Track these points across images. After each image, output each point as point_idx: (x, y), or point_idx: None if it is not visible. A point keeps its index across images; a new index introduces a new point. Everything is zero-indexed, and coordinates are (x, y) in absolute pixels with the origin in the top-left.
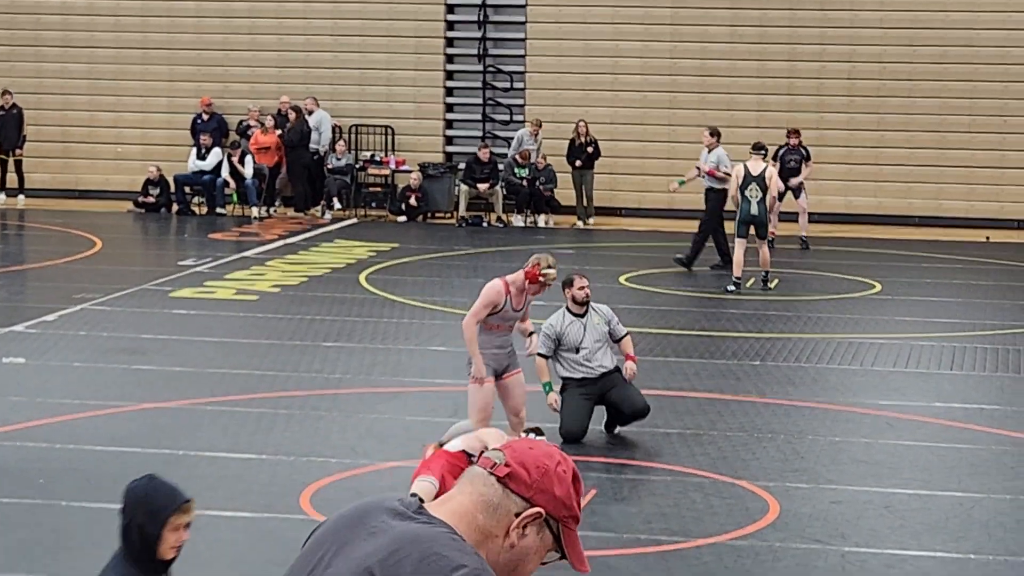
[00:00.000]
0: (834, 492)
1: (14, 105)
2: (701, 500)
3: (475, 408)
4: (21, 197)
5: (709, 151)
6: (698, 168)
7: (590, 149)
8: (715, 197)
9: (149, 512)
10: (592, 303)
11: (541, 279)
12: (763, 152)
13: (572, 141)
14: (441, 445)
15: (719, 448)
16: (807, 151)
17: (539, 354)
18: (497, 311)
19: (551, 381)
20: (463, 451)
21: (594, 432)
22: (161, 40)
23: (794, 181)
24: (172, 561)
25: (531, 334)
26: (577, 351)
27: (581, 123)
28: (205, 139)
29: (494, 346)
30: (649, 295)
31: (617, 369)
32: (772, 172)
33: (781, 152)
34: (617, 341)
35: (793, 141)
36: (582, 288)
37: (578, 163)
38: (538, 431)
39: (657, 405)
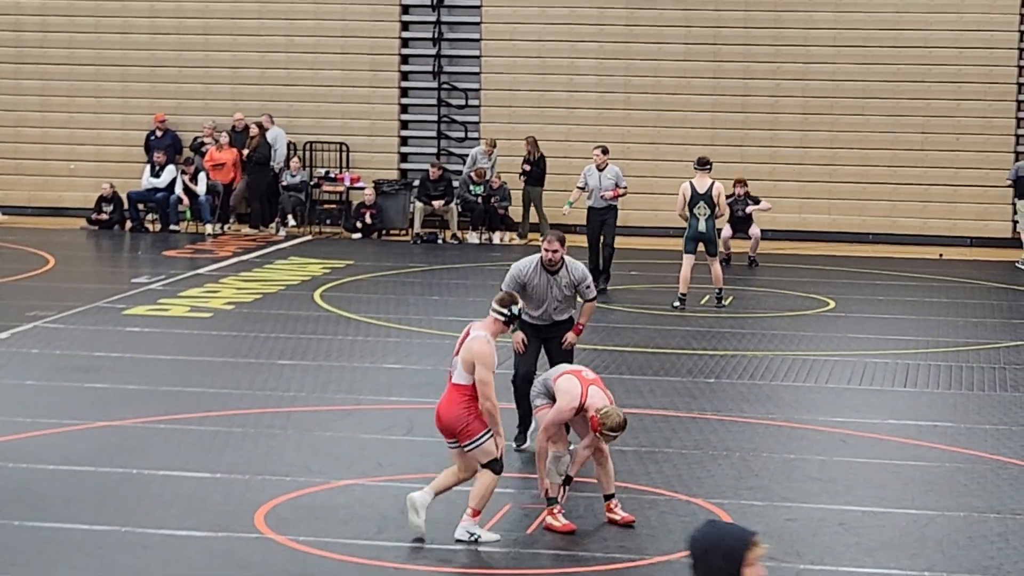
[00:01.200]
0: (789, 509)
1: None
2: (656, 518)
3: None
4: None
5: (600, 169)
6: (581, 188)
7: (527, 167)
8: (613, 216)
9: (725, 554)
10: (569, 262)
11: (598, 434)
12: (708, 167)
13: (525, 158)
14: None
15: (674, 466)
16: (756, 199)
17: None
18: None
19: None
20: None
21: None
22: (114, 56)
23: (753, 231)
24: None
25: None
26: (536, 305)
27: (529, 139)
28: (159, 156)
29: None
30: (603, 312)
31: (570, 321)
32: (720, 188)
33: (729, 202)
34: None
35: (740, 191)
36: (547, 252)
37: (522, 179)
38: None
39: None
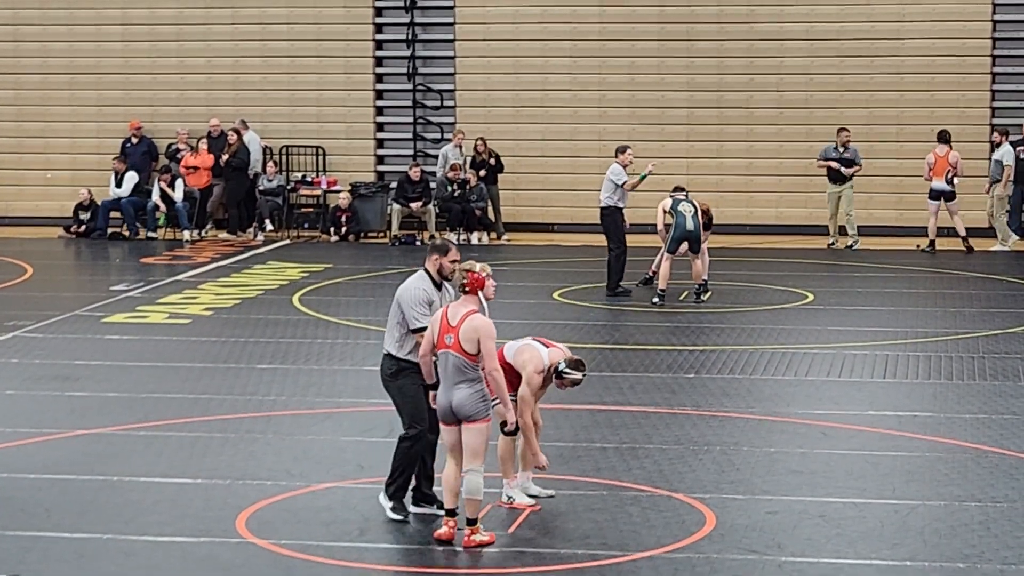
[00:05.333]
0: (770, 502)
1: None
2: (638, 514)
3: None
4: None
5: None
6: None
7: (492, 161)
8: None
9: None
10: None
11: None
12: (684, 192)
13: (473, 158)
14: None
15: (655, 461)
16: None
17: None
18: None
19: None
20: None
21: None
22: (88, 64)
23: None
24: None
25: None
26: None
27: (480, 141)
28: (118, 164)
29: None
30: (584, 310)
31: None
32: (698, 204)
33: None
34: None
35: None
36: (454, 261)
37: (482, 172)
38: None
39: (592, 420)
